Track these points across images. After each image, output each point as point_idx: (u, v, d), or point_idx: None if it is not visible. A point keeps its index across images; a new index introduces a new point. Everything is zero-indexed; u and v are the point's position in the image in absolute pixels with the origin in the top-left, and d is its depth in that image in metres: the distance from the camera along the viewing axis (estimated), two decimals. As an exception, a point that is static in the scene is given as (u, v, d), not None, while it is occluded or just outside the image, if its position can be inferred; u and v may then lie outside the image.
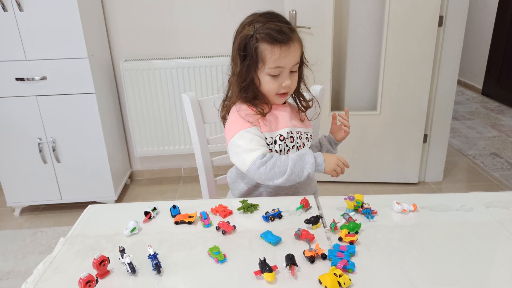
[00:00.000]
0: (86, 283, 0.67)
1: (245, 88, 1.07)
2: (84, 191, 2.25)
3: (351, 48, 2.37)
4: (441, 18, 2.16)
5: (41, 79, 2.02)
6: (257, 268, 0.72)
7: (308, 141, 1.16)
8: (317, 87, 1.33)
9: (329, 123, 1.33)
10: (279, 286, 0.70)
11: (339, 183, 2.51)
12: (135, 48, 2.38)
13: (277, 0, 2.30)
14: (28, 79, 2.02)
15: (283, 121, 1.11)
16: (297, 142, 1.12)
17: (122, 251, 0.74)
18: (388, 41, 2.20)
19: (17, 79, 2.01)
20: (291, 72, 1.05)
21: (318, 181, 1.39)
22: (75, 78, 2.04)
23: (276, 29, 1.00)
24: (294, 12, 2.18)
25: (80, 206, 2.23)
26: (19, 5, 1.89)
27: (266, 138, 1.08)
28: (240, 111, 1.06)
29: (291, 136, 1.10)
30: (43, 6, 1.91)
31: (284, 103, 1.15)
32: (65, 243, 0.84)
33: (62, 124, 2.12)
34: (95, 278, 0.69)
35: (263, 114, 1.07)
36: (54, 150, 2.15)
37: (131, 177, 2.68)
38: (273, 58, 1.01)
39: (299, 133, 1.13)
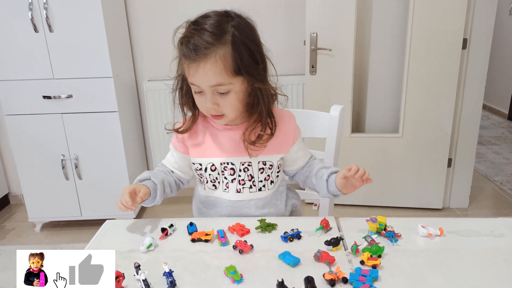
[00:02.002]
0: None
1: (184, 93, 0.96)
2: (103, 208, 2.27)
3: (373, 70, 2.36)
4: (465, 40, 2.14)
5: (67, 97, 2.08)
6: (275, 290, 0.70)
7: (262, 172, 0.99)
8: (337, 107, 1.31)
9: (348, 147, 1.27)
10: (298, 310, 0.67)
11: (359, 206, 2.45)
12: (158, 69, 2.43)
13: (298, 23, 2.33)
14: (54, 97, 2.08)
15: (218, 147, 0.97)
16: (240, 176, 0.98)
17: (137, 268, 0.73)
18: (410, 63, 2.18)
19: (44, 97, 2.08)
20: (220, 93, 0.87)
21: (337, 204, 1.35)
22: (99, 96, 2.09)
23: (188, 41, 0.84)
24: (315, 34, 2.20)
25: (99, 223, 2.21)
26: (49, 26, 1.97)
27: (194, 164, 1.00)
28: (178, 121, 1.01)
29: (232, 168, 0.97)
30: (72, 27, 1.98)
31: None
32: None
33: (85, 142, 2.16)
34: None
35: (177, 131, 0.97)
36: (76, 167, 2.19)
37: (150, 195, 2.69)
38: (187, 73, 0.88)
39: (245, 164, 0.97)
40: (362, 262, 0.77)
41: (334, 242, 0.82)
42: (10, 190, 2.67)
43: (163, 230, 0.90)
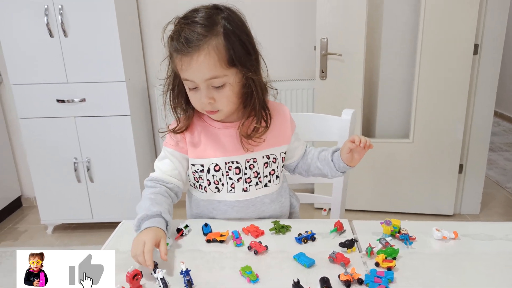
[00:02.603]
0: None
1: (176, 95, 0.95)
2: (114, 211, 2.28)
3: (383, 75, 2.36)
4: (476, 46, 2.13)
5: (80, 101, 2.11)
6: (291, 290, 0.70)
7: (267, 166, 0.98)
8: (349, 111, 1.31)
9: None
10: (314, 310, 0.67)
11: (369, 212, 2.44)
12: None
13: (308, 28, 2.35)
14: (68, 101, 2.11)
15: (220, 146, 0.95)
16: (246, 174, 0.96)
17: (155, 266, 0.74)
18: (421, 68, 2.18)
19: (58, 100, 2.11)
20: (215, 87, 0.86)
21: (348, 209, 1.35)
22: (112, 100, 2.12)
23: (179, 34, 0.83)
24: (325, 40, 2.21)
25: (110, 226, 2.24)
26: (64, 31, 2.01)
27: (193, 165, 0.97)
28: (171, 123, 0.99)
29: (237, 167, 0.96)
30: (86, 32, 2.02)
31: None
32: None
33: (97, 145, 2.19)
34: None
35: (174, 131, 0.95)
36: (88, 169, 2.21)
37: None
38: (179, 69, 0.87)
39: (250, 160, 0.96)
40: (377, 264, 0.77)
41: (349, 244, 0.82)
42: (23, 193, 2.70)
43: (179, 230, 0.91)
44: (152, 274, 0.74)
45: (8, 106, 2.53)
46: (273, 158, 0.99)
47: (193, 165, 0.97)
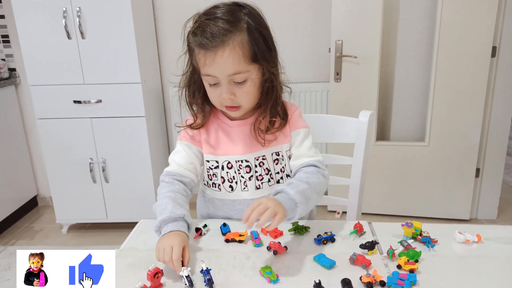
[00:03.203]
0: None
1: (192, 92, 0.95)
2: (128, 211, 2.30)
3: (398, 77, 2.34)
4: (494, 48, 2.10)
5: (96, 102, 2.13)
6: (312, 290, 0.70)
7: (277, 163, 0.97)
8: (366, 113, 1.30)
9: (373, 155, 1.23)
10: (336, 311, 0.66)
11: (384, 216, 2.42)
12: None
13: (323, 30, 2.34)
14: (84, 102, 2.14)
15: (231, 145, 0.96)
16: (256, 171, 0.96)
17: (181, 264, 0.74)
18: (437, 71, 2.16)
19: (74, 101, 2.14)
20: (237, 83, 0.86)
21: (364, 213, 1.33)
22: (127, 102, 2.14)
23: (203, 30, 0.82)
24: (340, 42, 2.20)
25: (124, 226, 2.27)
26: (82, 33, 2.03)
27: (208, 161, 0.98)
28: (187, 118, 0.99)
29: (247, 166, 0.96)
30: (103, 34, 2.04)
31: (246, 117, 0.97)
32: (118, 255, 0.85)
33: (112, 146, 2.21)
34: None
35: (191, 126, 0.95)
36: (103, 170, 2.23)
37: (173, 200, 2.72)
38: (202, 64, 0.86)
39: (259, 158, 0.96)
40: (399, 267, 0.76)
41: (370, 246, 0.81)
42: (39, 192, 2.74)
43: (197, 230, 0.91)
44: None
45: (25, 107, 2.57)
46: (282, 156, 0.99)
47: (208, 161, 0.98)
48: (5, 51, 2.48)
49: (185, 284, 0.72)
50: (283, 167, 0.99)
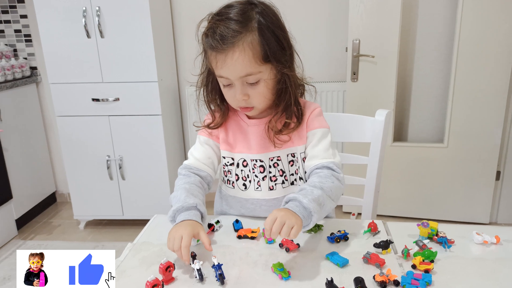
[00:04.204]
0: (153, 286, 0.67)
1: (209, 91, 0.95)
2: (144, 209, 2.33)
3: (417, 78, 2.30)
4: (516, 48, 2.04)
5: (114, 100, 2.16)
6: (324, 288, 0.69)
7: (292, 165, 0.96)
8: (383, 112, 1.28)
9: (390, 156, 1.20)
10: (348, 310, 0.65)
11: (400, 218, 2.38)
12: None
13: (340, 30, 2.32)
14: (102, 100, 2.17)
15: (247, 143, 0.96)
16: (270, 172, 0.95)
17: (193, 257, 0.75)
18: (457, 71, 2.11)
19: (93, 99, 2.17)
20: (250, 83, 0.86)
21: (378, 215, 1.31)
22: (144, 100, 2.16)
23: (214, 31, 0.83)
24: (357, 41, 2.18)
25: (139, 223, 2.29)
26: (101, 32, 2.07)
27: (224, 158, 0.98)
28: (206, 117, 0.99)
29: (261, 166, 0.95)
30: (121, 34, 2.07)
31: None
32: (132, 248, 0.86)
33: (129, 143, 2.24)
34: (161, 283, 0.69)
35: (209, 126, 0.96)
36: (120, 167, 2.26)
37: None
38: (214, 66, 0.86)
39: (274, 159, 0.95)
40: (414, 266, 0.75)
41: (384, 245, 0.80)
42: (57, 189, 2.80)
43: (210, 225, 0.91)
44: (190, 264, 0.75)
45: (46, 105, 2.63)
46: (296, 157, 0.97)
47: (224, 157, 0.99)
48: (27, 50, 2.55)
49: (196, 278, 0.73)
50: (297, 168, 0.98)
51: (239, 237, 0.88)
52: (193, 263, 0.73)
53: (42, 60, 2.42)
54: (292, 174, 0.97)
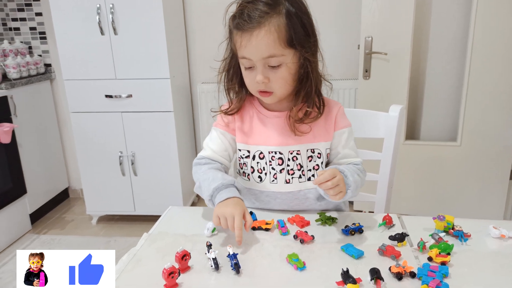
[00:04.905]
0: (170, 274, 0.68)
1: (230, 77, 0.96)
2: (156, 205, 2.34)
3: (430, 75, 2.28)
4: (532, 45, 2.01)
5: (127, 96, 2.18)
6: (339, 278, 0.69)
7: (311, 160, 0.95)
8: (397, 107, 1.28)
9: (402, 155, 1.21)
10: (364, 300, 0.65)
11: (413, 217, 2.35)
12: (211, 72, 2.48)
13: (352, 27, 2.31)
14: (115, 96, 2.19)
15: (266, 136, 0.95)
16: (288, 165, 0.95)
17: (209, 247, 0.75)
18: (471, 69, 2.08)
19: (106, 96, 2.20)
20: (271, 67, 0.86)
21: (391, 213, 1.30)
22: (157, 97, 2.18)
23: (242, 12, 0.84)
24: (370, 38, 2.17)
25: (151, 219, 2.30)
26: (114, 29, 2.09)
27: (240, 150, 0.98)
28: (223, 104, 1.00)
29: (280, 158, 0.95)
30: (135, 31, 2.09)
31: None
32: (148, 238, 0.87)
33: (141, 139, 2.26)
34: (178, 271, 0.70)
35: (226, 112, 0.96)
36: (133, 163, 2.28)
37: (198, 196, 2.75)
38: (238, 46, 0.87)
39: (293, 152, 0.95)
40: (430, 259, 0.74)
41: (399, 238, 0.80)
42: (70, 184, 2.83)
43: (225, 217, 0.91)
44: (205, 254, 0.75)
45: (59, 102, 2.66)
46: (318, 153, 0.97)
47: (240, 149, 0.99)
48: (42, 47, 2.58)
49: (212, 267, 0.73)
50: (317, 164, 0.97)
51: (253, 228, 0.88)
52: (208, 252, 0.74)
53: (57, 57, 2.45)
54: (310, 170, 0.97)
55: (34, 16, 2.54)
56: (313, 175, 0.97)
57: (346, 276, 0.68)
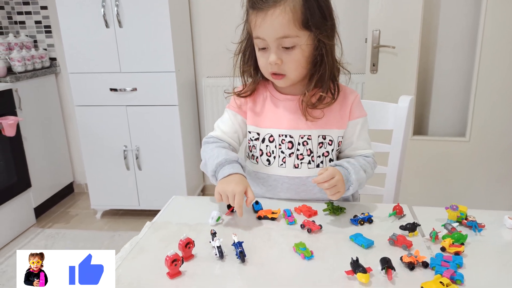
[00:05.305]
0: (173, 261, 0.66)
1: (246, 59, 0.95)
2: (160, 199, 2.31)
3: (438, 69, 2.24)
4: (544, 39, 1.97)
5: (132, 90, 2.17)
6: (348, 268, 0.66)
7: (321, 147, 0.93)
8: (406, 98, 1.25)
9: (409, 150, 1.21)
10: (374, 290, 0.63)
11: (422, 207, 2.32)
12: (217, 66, 2.47)
13: (361, 19, 2.28)
14: (120, 90, 2.18)
15: (277, 118, 0.94)
16: (298, 150, 0.93)
17: (213, 235, 0.73)
18: (481, 64, 2.04)
19: (111, 89, 2.18)
20: (285, 48, 0.85)
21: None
22: (161, 90, 2.16)
23: None
24: (378, 32, 2.13)
25: (155, 213, 2.29)
26: (119, 22, 2.07)
27: (250, 132, 0.97)
28: (237, 86, 0.99)
29: (290, 141, 0.93)
30: (140, 23, 2.07)
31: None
32: (151, 227, 0.85)
33: (146, 134, 2.24)
34: (181, 259, 0.67)
35: (239, 94, 0.96)
36: (137, 157, 2.27)
37: (203, 190, 2.73)
38: (253, 26, 0.86)
39: (304, 137, 0.93)
40: (443, 249, 0.71)
41: (410, 228, 0.77)
42: (75, 179, 2.82)
43: (229, 206, 0.89)
44: (210, 242, 0.73)
45: (64, 96, 2.65)
46: (329, 140, 0.95)
47: (250, 132, 0.98)
48: (47, 41, 2.58)
49: (216, 255, 0.71)
50: (327, 151, 0.95)
51: (259, 218, 0.86)
52: (212, 240, 0.72)
53: (62, 51, 2.44)
54: (319, 156, 0.95)
55: (39, 10, 2.53)
56: (322, 162, 0.95)
57: (356, 265, 0.65)
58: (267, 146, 0.95)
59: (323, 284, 0.64)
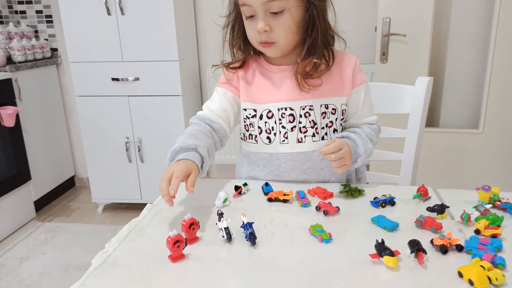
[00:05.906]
0: (175, 242, 0.58)
1: (235, 32, 0.89)
2: (162, 193, 2.25)
3: (450, 59, 2.16)
4: (562, 26, 1.89)
5: (134, 79, 2.10)
6: (372, 251, 0.59)
7: (324, 117, 0.87)
8: (424, 79, 1.17)
9: (423, 140, 1.16)
10: (404, 275, 0.55)
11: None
12: (221, 56, 2.40)
13: (371, 7, 2.21)
14: (122, 80, 2.11)
15: (274, 92, 0.87)
16: (300, 122, 0.86)
17: (220, 215, 0.66)
18: (495, 54, 1.96)
19: (113, 79, 2.12)
20: (273, 14, 0.79)
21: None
22: (164, 80, 2.09)
23: None
24: (388, 19, 2.06)
25: (158, 208, 2.23)
26: (121, 9, 2.01)
27: (245, 110, 0.90)
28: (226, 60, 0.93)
29: (291, 114, 0.86)
30: (142, 11, 2.01)
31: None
32: (152, 209, 0.78)
33: (148, 125, 2.17)
34: (185, 241, 0.60)
35: (228, 66, 0.90)
36: (139, 150, 2.20)
37: (207, 185, 2.66)
38: None
39: (305, 108, 0.86)
40: (477, 232, 0.64)
41: (439, 209, 0.69)
42: (76, 173, 2.76)
43: (237, 188, 0.82)
44: (216, 224, 0.66)
45: (66, 87, 2.59)
46: (332, 109, 0.88)
47: (245, 109, 0.91)
48: (48, 31, 2.52)
49: (223, 237, 0.64)
50: (331, 121, 0.89)
51: (270, 200, 0.78)
52: (219, 221, 0.64)
53: (63, 41, 2.38)
54: (323, 128, 0.88)
55: (40, -1, 2.47)
56: (326, 133, 0.89)
57: (382, 248, 0.58)
58: (266, 122, 0.88)
59: (345, 268, 0.57)
